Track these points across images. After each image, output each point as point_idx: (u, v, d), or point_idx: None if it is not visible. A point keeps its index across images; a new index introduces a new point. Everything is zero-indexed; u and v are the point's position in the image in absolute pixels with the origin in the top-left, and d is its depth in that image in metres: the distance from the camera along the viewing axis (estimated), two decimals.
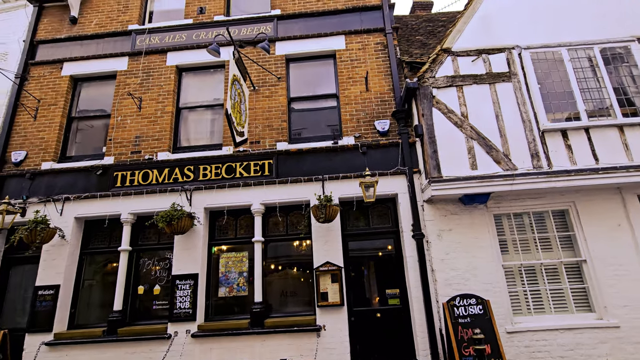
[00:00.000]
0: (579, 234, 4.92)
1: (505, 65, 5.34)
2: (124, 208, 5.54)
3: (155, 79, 6.32)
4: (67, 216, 5.58)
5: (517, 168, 4.83)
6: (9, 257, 5.71)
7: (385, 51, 6.11)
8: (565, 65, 5.24)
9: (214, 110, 6.31)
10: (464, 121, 5.10)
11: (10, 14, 7.32)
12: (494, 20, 5.60)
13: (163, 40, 6.61)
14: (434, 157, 4.99)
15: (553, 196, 5.07)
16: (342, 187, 5.37)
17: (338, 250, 5.14)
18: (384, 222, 5.57)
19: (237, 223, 5.70)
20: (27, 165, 5.95)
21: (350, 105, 5.86)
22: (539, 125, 5.01)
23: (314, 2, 6.65)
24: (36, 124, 6.22)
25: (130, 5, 6.98)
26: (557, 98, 5.16)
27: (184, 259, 5.26)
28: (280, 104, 5.97)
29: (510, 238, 5.11)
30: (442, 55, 5.45)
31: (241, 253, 5.53)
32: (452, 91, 5.28)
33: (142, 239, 5.73)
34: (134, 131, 6.01)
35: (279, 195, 5.43)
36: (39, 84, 6.51)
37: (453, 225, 5.04)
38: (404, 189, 5.31)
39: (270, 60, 6.24)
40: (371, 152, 5.55)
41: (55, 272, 5.33)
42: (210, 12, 6.78)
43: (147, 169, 5.71)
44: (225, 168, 5.62)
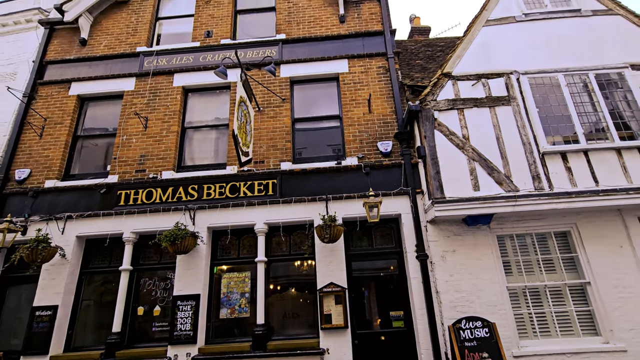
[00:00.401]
0: (582, 255, 4.93)
1: (504, 89, 5.51)
2: (126, 227, 5.51)
3: (162, 99, 6.44)
4: (69, 235, 5.54)
5: (518, 189, 4.89)
6: (7, 277, 5.62)
7: (387, 74, 6.28)
8: (563, 90, 5.41)
9: (219, 130, 6.40)
10: (466, 143, 5.20)
11: (20, 35, 7.51)
12: (492, 47, 5.81)
13: (170, 62, 6.77)
14: (437, 178, 5.05)
15: (555, 217, 5.11)
16: (345, 207, 5.40)
17: (342, 271, 5.11)
18: (387, 242, 5.57)
19: (239, 243, 5.68)
20: (31, 183, 5.96)
21: (353, 126, 5.97)
22: (538, 148, 5.11)
23: (317, 28, 6.88)
24: (41, 142, 6.27)
25: (139, 28, 7.19)
26: (555, 121, 5.29)
27: (186, 279, 5.20)
28: (284, 125, 6.08)
29: (513, 259, 5.11)
30: (443, 79, 5.61)
31: (243, 273, 5.48)
32: (454, 114, 5.40)
33: (143, 259, 5.68)
34: (139, 150, 6.07)
35: (282, 215, 5.44)
36: (46, 103, 6.61)
37: (456, 247, 5.05)
38: (407, 210, 5.34)
39: (275, 82, 6.40)
40: (374, 172, 5.61)
41: (54, 292, 5.24)
42: (217, 36, 7.00)
43: (151, 188, 5.73)
44: (230, 187, 5.65)
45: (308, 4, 7.15)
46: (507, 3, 6.13)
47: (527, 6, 6.10)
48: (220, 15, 7.21)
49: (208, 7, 7.32)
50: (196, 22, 7.20)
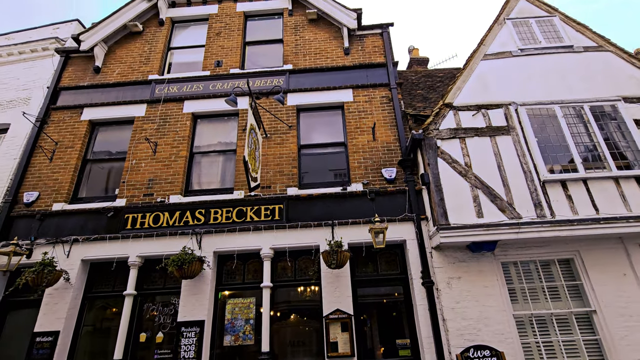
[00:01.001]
0: (586, 283, 4.97)
1: (503, 119, 5.73)
2: (132, 251, 5.52)
3: (172, 125, 6.63)
4: (74, 258, 5.53)
5: (521, 217, 4.99)
6: (8, 301, 5.55)
7: (390, 104, 6.53)
8: (559, 120, 5.64)
9: (226, 155, 6.55)
10: (468, 171, 5.35)
11: (36, 62, 7.79)
12: (491, 79, 6.10)
13: (181, 90, 7.02)
14: (441, 204, 5.16)
15: (557, 245, 5.18)
16: (351, 232, 5.46)
17: (348, 297, 5.10)
18: (393, 268, 5.59)
19: (245, 268, 5.68)
20: (38, 206, 6.01)
21: (358, 153, 6.14)
22: (539, 176, 5.26)
23: (323, 59, 7.20)
24: (51, 166, 6.38)
25: (152, 57, 7.49)
26: (554, 150, 5.48)
27: (191, 305, 5.16)
28: (291, 151, 6.24)
29: (518, 287, 5.13)
30: (445, 109, 5.85)
31: (248, 299, 5.45)
32: (456, 142, 5.59)
33: (148, 283, 5.65)
34: (147, 174, 6.18)
35: (288, 240, 5.48)
36: (58, 128, 6.78)
37: (462, 273, 5.08)
38: (412, 236, 5.40)
39: (282, 110, 6.62)
40: (379, 198, 5.72)
41: (55, 318, 5.17)
42: (227, 65, 7.29)
43: (158, 212, 5.79)
44: (236, 212, 5.72)
45: (314, 37, 7.51)
46: (504, 39, 6.49)
47: (522, 42, 6.45)
48: (230, 46, 7.55)
49: (218, 38, 7.68)
50: (207, 52, 7.52)
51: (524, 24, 6.70)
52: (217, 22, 7.90)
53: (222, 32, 7.74)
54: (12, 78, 7.59)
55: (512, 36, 6.52)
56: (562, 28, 6.57)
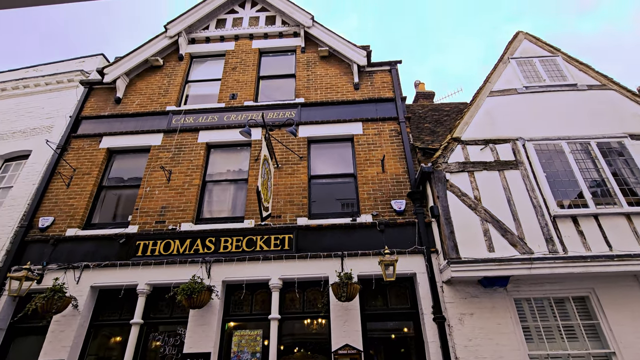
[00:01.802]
0: (604, 323, 4.82)
1: (511, 154, 5.83)
2: (141, 278, 5.53)
3: (186, 154, 6.84)
4: (84, 285, 5.55)
5: (533, 252, 4.95)
6: (15, 327, 5.52)
7: (399, 137, 6.70)
8: (567, 156, 5.72)
9: (238, 184, 6.68)
10: (478, 204, 5.39)
11: (61, 93, 8.20)
12: (497, 115, 6.27)
13: (196, 120, 7.30)
14: (451, 237, 5.15)
15: (571, 282, 5.09)
16: (360, 264, 5.43)
17: (357, 332, 4.99)
18: (402, 302, 5.50)
19: (253, 298, 5.62)
20: (53, 231, 6.11)
21: (367, 184, 6.23)
22: (549, 211, 5.27)
23: (334, 93, 7.49)
24: (68, 192, 6.55)
25: (170, 90, 7.86)
26: (563, 185, 5.52)
27: (197, 336, 5.08)
28: (301, 181, 6.35)
29: (533, 325, 4.99)
30: (453, 143, 5.98)
31: (255, 331, 5.35)
32: (464, 176, 5.67)
33: (155, 312, 5.60)
34: (160, 201, 6.30)
35: (297, 271, 5.46)
36: (77, 155, 7.02)
37: (474, 309, 4.97)
38: (422, 269, 5.36)
39: (294, 141, 6.81)
40: (389, 230, 5.73)
41: (61, 346, 5.11)
42: (241, 98, 7.61)
43: (169, 239, 5.84)
44: (246, 241, 5.76)
45: (325, 73, 7.86)
46: (509, 76, 6.74)
47: (527, 80, 6.68)
48: (244, 80, 7.91)
49: (234, 73, 8.07)
50: (222, 86, 7.88)
51: (528, 63, 6.97)
52: (233, 58, 8.33)
53: (238, 67, 8.14)
54: (37, 107, 7.97)
55: (516, 74, 6.77)
56: (565, 67, 6.82)
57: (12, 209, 6.43)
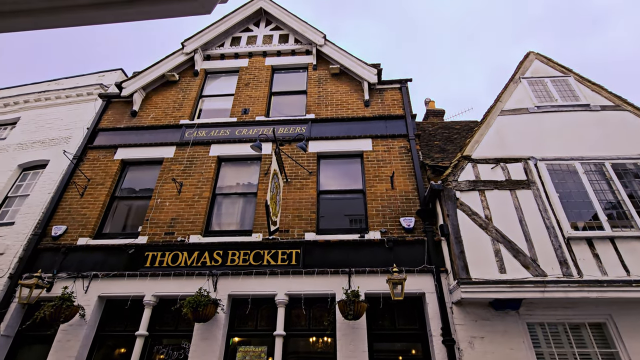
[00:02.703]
0: (623, 353, 4.60)
1: (523, 173, 5.76)
2: (148, 290, 5.54)
3: (198, 166, 6.94)
4: (91, 294, 5.58)
5: (546, 274, 4.81)
6: (22, 335, 5.56)
7: (408, 154, 6.69)
8: (581, 177, 5.62)
9: (247, 198, 6.73)
10: (489, 224, 5.30)
11: (80, 105, 8.48)
12: (508, 134, 6.23)
13: (209, 134, 7.44)
14: (461, 257, 5.05)
15: (587, 307, 4.90)
16: (368, 282, 5.35)
17: (364, 352, 4.87)
18: (410, 323, 5.37)
19: (258, 313, 5.56)
20: (65, 240, 6.21)
21: (376, 201, 6.20)
22: (563, 233, 5.15)
23: (344, 110, 7.58)
24: (81, 201, 6.68)
25: (185, 104, 8.07)
26: (577, 206, 5.40)
27: (202, 350, 5.03)
28: (310, 196, 6.36)
29: (547, 351, 4.79)
30: (463, 161, 5.94)
31: (260, 348, 5.27)
32: (475, 194, 5.60)
33: (160, 325, 5.58)
34: (170, 213, 6.37)
35: (304, 287, 5.41)
36: (92, 165, 7.20)
37: (485, 333, 4.82)
38: (431, 289, 5.24)
39: (303, 156, 6.87)
40: (397, 248, 5.66)
41: (66, 356, 5.11)
42: (253, 113, 7.75)
43: (177, 251, 5.87)
44: (254, 255, 5.75)
45: (336, 89, 7.98)
46: (520, 96, 6.73)
47: (538, 99, 6.66)
48: (257, 96, 8.07)
49: (247, 88, 8.25)
50: (235, 101, 8.05)
51: (539, 83, 6.96)
52: (247, 74, 8.53)
53: (251, 83, 8.33)
54: (56, 119, 8.25)
55: (528, 94, 6.76)
56: (577, 87, 6.79)
57: (27, 216, 6.58)
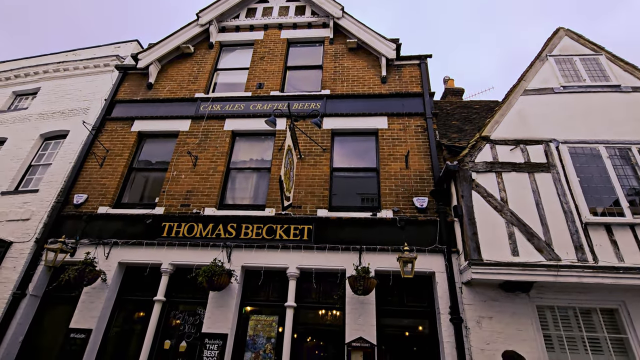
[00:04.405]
0: (633, 339, 4.59)
1: (543, 156, 5.59)
2: (166, 258, 5.76)
3: (212, 140, 6.99)
4: (112, 260, 5.84)
5: (560, 259, 4.76)
6: (49, 295, 5.90)
7: (425, 133, 6.56)
8: (604, 161, 5.42)
9: (260, 173, 6.78)
10: (504, 206, 5.22)
11: (97, 77, 8.55)
12: (530, 115, 6.01)
13: (223, 108, 7.43)
14: (474, 239, 5.03)
15: (600, 293, 4.86)
16: (378, 259, 5.41)
17: (372, 326, 5.00)
18: (419, 300, 5.45)
19: (270, 285, 5.73)
20: (86, 208, 6.45)
21: (389, 180, 6.16)
22: (581, 218, 5.03)
23: (360, 86, 7.41)
24: (101, 171, 6.87)
25: (200, 77, 8.03)
26: (598, 192, 5.24)
27: (216, 317, 5.25)
28: (323, 173, 6.36)
29: (555, 334, 4.81)
30: (481, 142, 5.79)
31: (271, 317, 5.46)
32: (492, 176, 5.49)
33: (177, 292, 5.82)
34: (186, 186, 6.50)
35: (315, 261, 5.51)
36: (110, 137, 7.34)
37: (493, 313, 4.86)
38: (441, 268, 5.27)
39: (318, 133, 6.82)
40: (409, 227, 5.66)
41: (90, 316, 5.43)
42: (268, 88, 7.67)
43: (193, 223, 6.03)
44: (267, 229, 5.85)
45: (353, 65, 7.78)
46: (546, 75, 6.42)
47: (565, 79, 6.35)
48: (272, 70, 7.95)
49: (262, 62, 8.13)
50: (250, 75, 7.96)
51: (568, 62, 6.61)
52: (262, 47, 8.38)
53: (266, 57, 8.19)
54: (75, 90, 8.37)
55: (554, 73, 6.44)
56: (608, 67, 6.42)
57: (50, 184, 6.82)
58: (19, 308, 5.64)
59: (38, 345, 5.60)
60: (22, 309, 5.64)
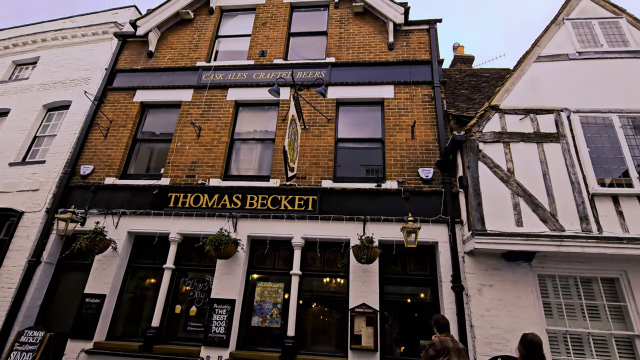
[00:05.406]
0: (632, 306, 4.68)
1: (553, 126, 5.45)
2: (173, 228, 5.88)
3: (215, 111, 6.90)
4: (121, 230, 5.98)
5: (564, 229, 4.77)
6: (63, 263, 6.12)
7: (432, 103, 6.40)
8: (616, 131, 5.28)
9: (264, 144, 6.74)
10: (510, 177, 5.17)
11: (96, 45, 8.34)
12: (543, 83, 5.79)
13: (225, 77, 7.27)
14: (478, 209, 5.03)
15: (602, 262, 4.90)
16: (382, 229, 5.47)
17: (375, 293, 5.14)
18: (422, 269, 5.56)
19: (276, 254, 5.86)
20: (93, 179, 6.52)
21: (395, 150, 6.09)
22: (588, 189, 4.98)
23: (366, 53, 7.15)
24: (105, 142, 6.87)
25: (200, 45, 7.79)
26: (607, 162, 5.16)
27: (224, 284, 5.43)
28: (328, 144, 6.30)
29: (554, 301, 4.92)
30: (490, 111, 5.65)
31: (277, 284, 5.64)
32: (499, 147, 5.40)
33: (185, 260, 5.99)
34: (190, 157, 6.50)
35: (320, 231, 5.59)
36: (113, 107, 7.27)
37: (494, 281, 4.95)
38: (444, 238, 5.33)
39: (322, 103, 6.68)
40: (413, 198, 5.67)
41: (103, 282, 5.64)
42: (270, 56, 7.44)
43: (198, 193, 6.09)
44: (271, 200, 5.90)
45: (359, 31, 7.47)
46: (561, 40, 6.12)
47: (581, 45, 6.05)
48: (274, 37, 7.68)
49: (264, 28, 7.83)
50: (252, 42, 7.70)
51: (585, 26, 6.27)
52: (264, 12, 8.04)
53: (268, 22, 7.88)
54: (75, 59, 8.20)
55: (570, 38, 6.13)
56: (628, 31, 6.09)
57: (56, 156, 6.87)
58: (35, 275, 5.87)
59: (56, 309, 5.88)
60: (38, 276, 5.87)
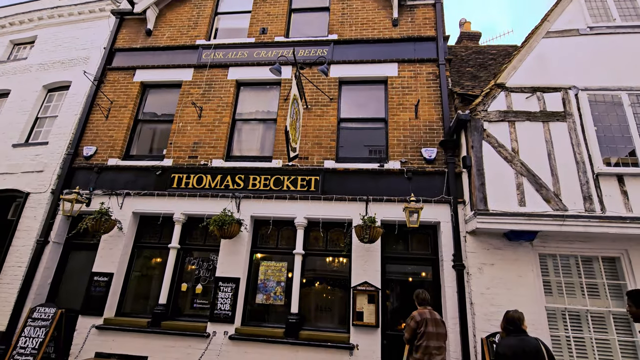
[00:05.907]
0: (631, 284, 4.72)
1: (560, 104, 5.34)
2: (177, 208, 5.93)
3: (216, 91, 6.81)
4: (126, 210, 6.04)
5: (567, 209, 4.76)
6: (71, 243, 6.23)
7: (436, 81, 6.26)
8: (625, 109, 5.17)
9: (266, 124, 6.68)
10: (514, 157, 5.12)
11: (94, 23, 8.17)
12: (551, 59, 5.64)
13: (226, 56, 7.13)
14: (481, 189, 5.02)
15: (604, 242, 4.92)
16: (385, 209, 5.49)
17: (376, 272, 5.22)
18: (423, 248, 5.62)
19: (279, 234, 5.93)
20: (96, 160, 6.54)
21: (398, 130, 6.03)
22: (593, 168, 4.94)
23: (370, 30, 6.96)
24: (107, 123, 6.85)
25: (200, 22, 7.60)
26: (613, 142, 5.08)
27: (228, 263, 5.53)
28: (330, 124, 6.24)
29: (554, 280, 4.99)
30: (496, 89, 5.53)
31: (280, 263, 5.73)
32: (504, 126, 5.32)
33: (190, 239, 6.08)
34: (192, 137, 6.47)
35: (322, 211, 5.62)
36: (113, 87, 7.19)
37: (495, 260, 5.00)
38: (447, 218, 5.35)
39: (324, 82, 6.56)
40: (416, 178, 5.65)
41: (110, 261, 5.76)
42: (272, 33, 7.26)
43: (201, 174, 6.11)
44: (274, 180, 5.91)
45: (362, 6, 7.24)
46: (572, 15, 5.90)
47: (593, 19, 5.84)
48: (275, 13, 7.47)
49: (265, 4, 7.61)
50: (252, 19, 7.50)
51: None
52: None
53: None
54: (73, 37, 8.05)
55: (582, 12, 5.90)
56: None
57: (59, 137, 6.86)
58: (44, 254, 6.00)
59: (66, 287, 6.05)
60: (47, 255, 5.99)
